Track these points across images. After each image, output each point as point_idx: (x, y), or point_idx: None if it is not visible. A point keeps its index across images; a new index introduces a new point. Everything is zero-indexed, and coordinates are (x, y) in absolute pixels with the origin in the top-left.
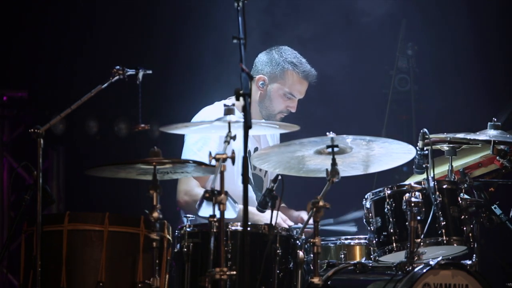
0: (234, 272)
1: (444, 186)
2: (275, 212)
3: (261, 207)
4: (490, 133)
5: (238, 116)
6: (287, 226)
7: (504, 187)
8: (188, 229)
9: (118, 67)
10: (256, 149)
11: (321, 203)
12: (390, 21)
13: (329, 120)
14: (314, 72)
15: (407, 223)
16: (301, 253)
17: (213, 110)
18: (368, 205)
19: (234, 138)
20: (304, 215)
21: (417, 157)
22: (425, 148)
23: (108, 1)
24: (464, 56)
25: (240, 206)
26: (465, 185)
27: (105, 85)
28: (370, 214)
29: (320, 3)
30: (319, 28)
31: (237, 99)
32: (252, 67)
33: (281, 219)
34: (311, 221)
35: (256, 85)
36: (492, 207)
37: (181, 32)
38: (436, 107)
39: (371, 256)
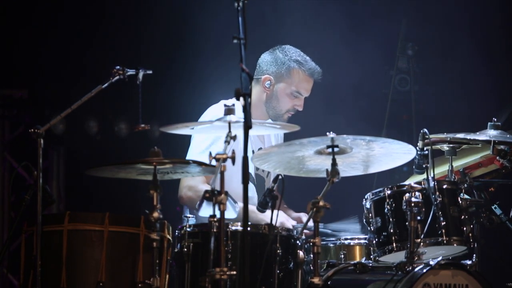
0: (234, 272)
1: (444, 186)
2: (276, 212)
3: (261, 207)
4: (490, 133)
5: (240, 115)
6: (290, 226)
7: (504, 187)
8: (188, 229)
9: (118, 67)
10: (259, 150)
11: (321, 203)
12: (390, 21)
13: (329, 120)
14: (319, 69)
15: (407, 223)
16: (301, 253)
17: (219, 109)
18: (368, 205)
19: (234, 138)
20: (303, 216)
21: (417, 157)
22: (425, 148)
23: (109, 1)
24: (464, 56)
25: (241, 204)
26: (465, 185)
27: (105, 85)
28: (370, 214)
29: (320, 3)
30: (319, 28)
31: (237, 99)
32: (256, 67)
33: (285, 219)
34: (311, 223)
35: (262, 86)
36: (492, 207)
37: (181, 32)
38: (436, 107)
39: (371, 256)
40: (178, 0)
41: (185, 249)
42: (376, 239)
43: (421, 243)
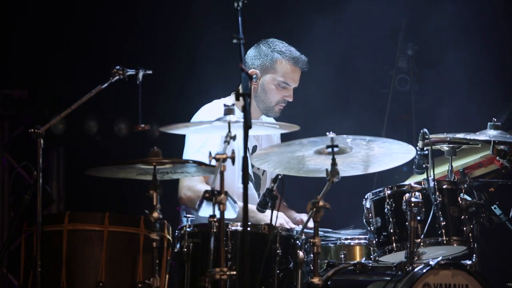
0: (234, 272)
1: (444, 186)
2: (275, 213)
3: (261, 207)
4: (490, 133)
5: (238, 115)
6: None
7: (504, 187)
8: (188, 229)
9: (118, 67)
10: (254, 147)
11: (321, 203)
12: (390, 21)
13: (329, 120)
14: (304, 58)
15: (407, 223)
16: (301, 253)
17: (212, 109)
18: (368, 205)
19: (234, 138)
20: (305, 217)
21: (417, 157)
22: (425, 148)
23: (109, 1)
24: (464, 55)
25: (240, 204)
26: (465, 185)
27: (105, 85)
28: (370, 214)
29: (320, 3)
30: (318, 28)
31: (237, 99)
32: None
33: (284, 221)
34: (311, 224)
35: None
36: (492, 207)
37: (181, 32)
38: (436, 107)
39: (371, 256)
40: (178, 0)
41: (185, 249)
42: (376, 239)
43: (421, 243)
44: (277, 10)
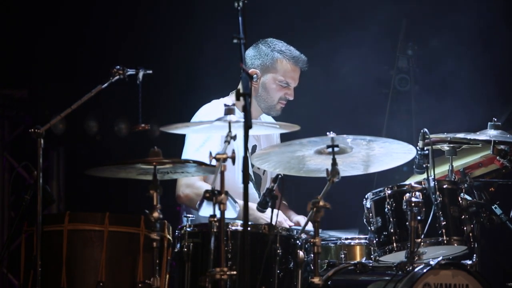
0: (234, 272)
1: (444, 186)
2: (275, 211)
3: (261, 207)
4: (490, 133)
5: (239, 115)
6: (287, 226)
7: (504, 187)
8: (188, 229)
9: (118, 67)
10: (254, 147)
11: (321, 203)
12: (390, 21)
13: (329, 120)
14: (304, 58)
15: (407, 223)
16: (301, 253)
17: (212, 109)
18: (368, 205)
19: (234, 138)
20: (302, 220)
21: (417, 157)
22: (425, 148)
23: (109, 1)
24: (464, 55)
25: (241, 202)
26: (465, 185)
27: (105, 85)
28: (370, 214)
29: (320, 3)
30: (319, 28)
31: (238, 99)
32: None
33: (282, 219)
34: (311, 226)
35: None
36: (492, 207)
37: (181, 31)
38: (436, 107)
39: (371, 256)
40: (178, 0)
41: (185, 249)
42: (377, 239)
43: (422, 243)
44: (275, 9)
